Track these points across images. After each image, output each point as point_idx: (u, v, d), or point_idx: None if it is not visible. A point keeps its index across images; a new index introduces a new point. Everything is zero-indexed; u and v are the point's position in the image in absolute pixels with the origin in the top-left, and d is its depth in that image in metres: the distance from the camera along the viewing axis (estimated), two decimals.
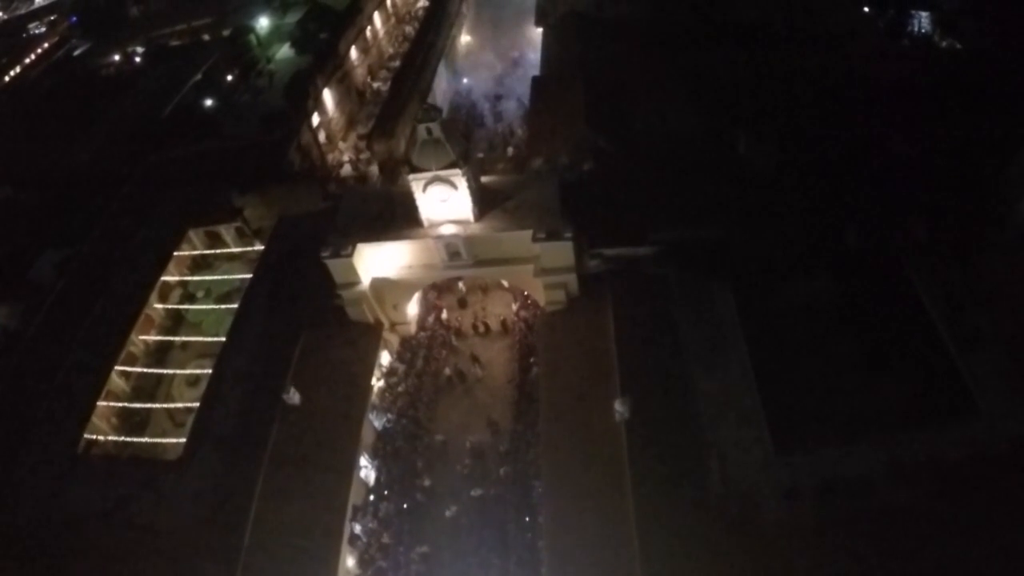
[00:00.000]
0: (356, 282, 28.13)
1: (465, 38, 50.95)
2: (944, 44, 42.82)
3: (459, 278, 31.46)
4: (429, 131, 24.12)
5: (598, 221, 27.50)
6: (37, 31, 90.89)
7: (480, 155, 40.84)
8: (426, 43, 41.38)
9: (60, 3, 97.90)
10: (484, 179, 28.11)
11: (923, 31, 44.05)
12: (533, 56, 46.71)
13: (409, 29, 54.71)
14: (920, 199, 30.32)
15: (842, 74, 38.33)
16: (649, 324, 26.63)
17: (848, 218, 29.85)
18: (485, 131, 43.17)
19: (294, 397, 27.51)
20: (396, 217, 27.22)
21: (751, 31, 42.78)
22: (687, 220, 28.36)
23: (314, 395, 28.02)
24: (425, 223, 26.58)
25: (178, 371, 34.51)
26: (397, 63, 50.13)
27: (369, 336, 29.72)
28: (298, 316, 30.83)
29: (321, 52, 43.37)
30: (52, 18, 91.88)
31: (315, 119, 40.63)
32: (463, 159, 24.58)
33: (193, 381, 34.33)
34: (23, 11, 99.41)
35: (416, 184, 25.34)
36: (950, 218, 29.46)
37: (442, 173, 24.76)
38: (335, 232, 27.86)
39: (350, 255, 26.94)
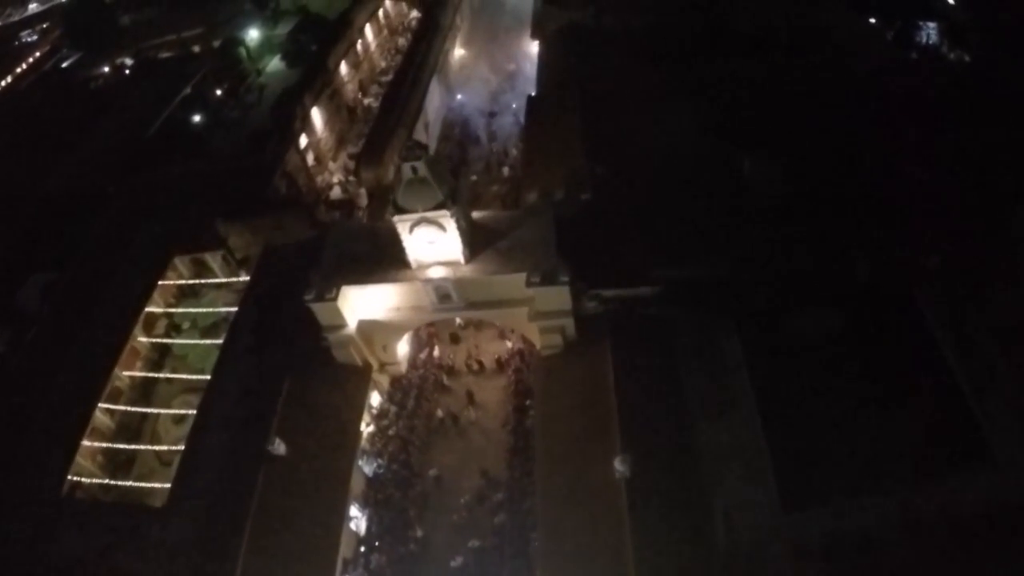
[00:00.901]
0: (342, 325, 26.88)
1: (459, 51, 49.29)
2: (952, 56, 41.31)
3: None
4: (414, 170, 22.73)
5: (596, 259, 26.12)
6: (29, 39, 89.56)
7: (474, 176, 39.55)
8: (417, 59, 39.84)
9: (53, 10, 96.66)
10: (475, 215, 26.73)
11: (931, 42, 42.53)
12: (529, 68, 45.25)
13: (402, 41, 53.01)
14: (932, 227, 29.02)
15: (849, 89, 36.86)
16: (650, 370, 25.26)
17: (858, 249, 28.57)
18: (479, 149, 41.73)
19: (279, 447, 26.33)
20: (383, 257, 25.88)
21: (754, 44, 41.33)
22: (690, 256, 26.95)
23: (301, 444, 26.85)
24: (413, 264, 25.24)
25: (163, 411, 33.42)
26: (389, 77, 48.68)
27: (357, 379, 28.48)
28: (284, 356, 29.54)
29: (309, 69, 41.91)
30: (44, 26, 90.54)
31: (303, 140, 39.21)
32: (451, 200, 23.18)
33: (179, 419, 33.36)
34: (16, 17, 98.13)
35: (402, 225, 23.99)
36: (963, 248, 28.20)
37: (429, 215, 23.40)
38: (319, 272, 26.56)
39: (334, 298, 25.66)
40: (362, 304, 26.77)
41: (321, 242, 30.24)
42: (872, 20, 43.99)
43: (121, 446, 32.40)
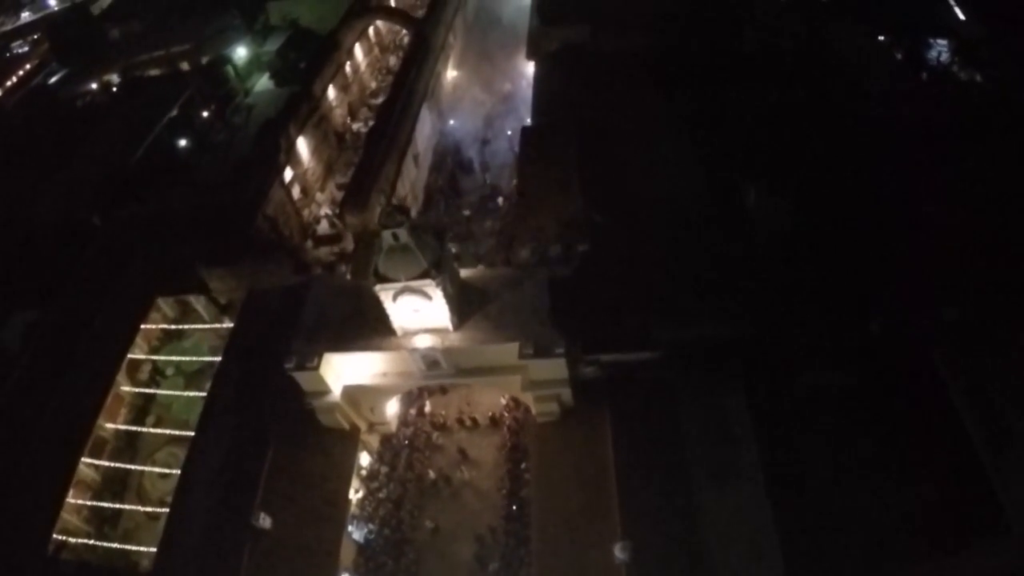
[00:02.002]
0: (326, 391, 25.48)
1: (451, 73, 47.40)
2: (964, 76, 39.28)
3: None
4: (395, 237, 21.20)
5: (594, 320, 24.60)
6: (20, 50, 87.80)
7: (467, 212, 37.96)
8: (407, 86, 37.99)
9: (45, 19, 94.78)
10: (464, 273, 25.17)
11: (942, 61, 40.47)
12: (525, 88, 43.31)
13: (394, 60, 51.19)
14: (949, 273, 27.41)
15: (858, 117, 35.03)
16: (651, 439, 23.79)
17: (871, 301, 26.98)
18: (472, 179, 40.03)
19: (265, 521, 25.08)
20: (366, 320, 24.39)
21: (760, 65, 39.38)
22: (693, 314, 25.39)
23: (286, 516, 25.60)
24: (399, 332, 23.76)
25: (148, 468, 32.28)
26: (380, 99, 46.93)
27: (345, 443, 27.12)
28: (268, 416, 28.28)
29: (294, 97, 40.18)
30: (35, 36, 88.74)
31: (288, 173, 37.59)
32: (436, 268, 21.65)
33: (164, 474, 32.36)
34: (9, 27, 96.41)
35: (384, 294, 22.49)
36: (983, 298, 26.62)
37: (413, 284, 21.90)
38: (299, 336, 25.13)
39: (316, 367, 24.22)
40: (346, 370, 25.34)
41: (305, 290, 29.01)
42: (881, 37, 41.84)
43: (107, 505, 31.50)
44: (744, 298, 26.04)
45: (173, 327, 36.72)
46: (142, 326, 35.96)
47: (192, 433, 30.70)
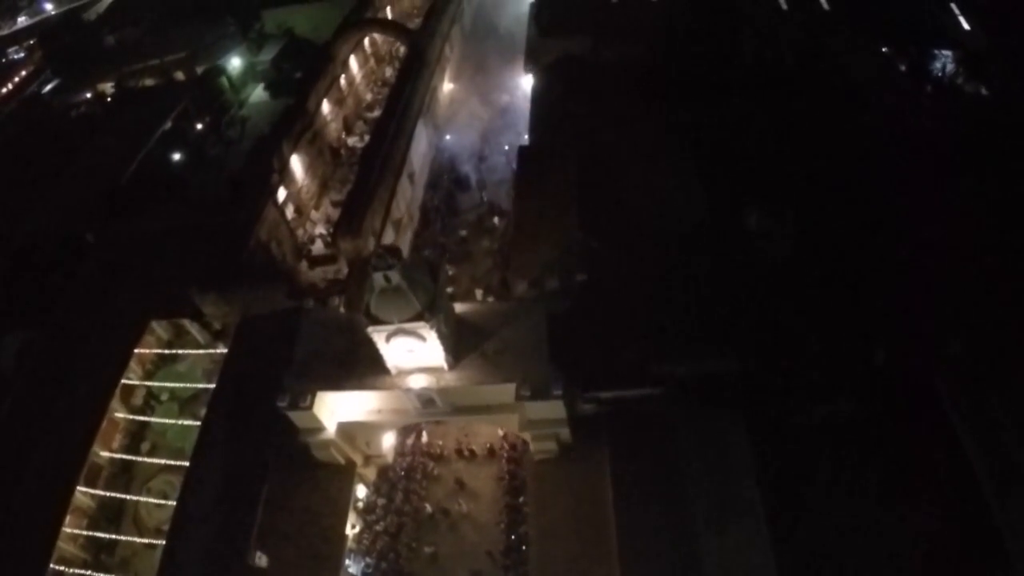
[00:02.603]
0: (321, 428, 25.07)
1: (448, 85, 46.62)
2: (969, 88, 38.49)
3: None
4: (387, 279, 20.71)
5: (592, 355, 24.12)
6: (16, 56, 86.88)
7: (463, 232, 37.38)
8: (402, 104, 37.25)
9: (40, 24, 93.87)
10: (459, 307, 24.68)
11: (947, 72, 39.66)
12: (523, 101, 42.49)
13: (389, 71, 50.44)
14: (954, 302, 26.87)
15: (861, 134, 34.36)
16: (651, 478, 23.35)
17: (874, 331, 26.45)
18: (469, 197, 39.41)
19: (260, 560, 24.77)
20: (360, 357, 23.92)
21: (761, 76, 38.68)
22: (694, 347, 24.91)
23: (283, 554, 25.26)
24: (393, 370, 23.31)
25: (144, 499, 31.98)
26: (376, 112, 46.25)
27: (341, 478, 26.73)
28: (263, 449, 27.89)
29: (287, 113, 39.52)
30: (31, 42, 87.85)
31: (282, 193, 37.01)
32: (430, 310, 21.16)
33: (161, 500, 32.11)
34: (5, 31, 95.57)
35: (377, 335, 22.02)
36: (988, 328, 26.08)
37: (407, 326, 21.42)
38: (292, 373, 24.70)
39: (309, 407, 23.81)
40: (340, 407, 24.94)
41: (298, 318, 28.57)
42: (884, 48, 41.01)
43: (103, 535, 31.22)
44: (745, 330, 25.51)
45: (167, 352, 36.31)
46: (136, 350, 35.70)
47: (187, 463, 30.55)
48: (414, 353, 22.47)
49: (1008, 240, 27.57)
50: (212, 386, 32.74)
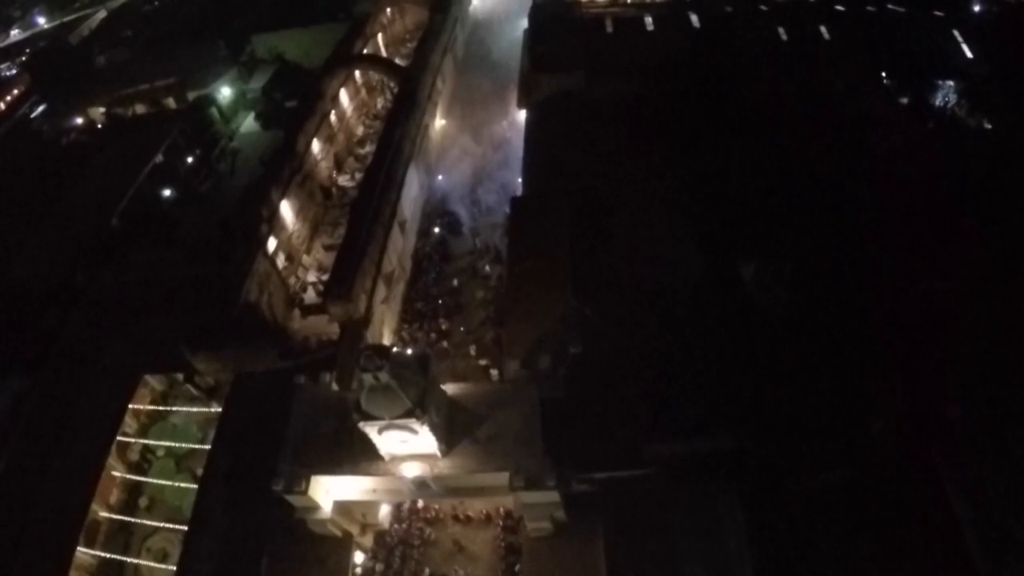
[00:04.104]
0: (316, 507, 25.01)
1: (440, 121, 45.92)
2: (972, 122, 37.90)
3: None
4: (377, 379, 20.51)
5: (586, 437, 23.96)
6: (8, 73, 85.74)
7: (455, 281, 37.01)
8: (392, 150, 36.57)
9: (34, 38, 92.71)
10: (452, 389, 24.47)
11: (949, 104, 39.03)
12: (517, 139, 41.90)
13: (381, 102, 49.72)
14: (954, 363, 26.62)
15: (861, 178, 33.86)
16: (645, 555, 23.31)
17: (872, 396, 26.22)
18: (462, 242, 39.00)
19: None
20: (353, 440, 23.68)
21: (760, 114, 37.90)
22: (689, 424, 24.74)
23: None
24: (386, 457, 23.18)
25: (144, 562, 32.05)
26: (368, 148, 45.67)
27: (339, 551, 26.67)
28: (261, 521, 27.78)
29: (276, 156, 38.91)
30: (23, 58, 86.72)
31: (271, 243, 36.54)
32: (421, 407, 20.97)
33: (161, 558, 32.26)
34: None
35: (369, 428, 21.87)
36: (987, 393, 25.86)
37: (398, 421, 21.25)
38: (285, 456, 24.56)
39: (304, 491, 23.72)
40: (336, 487, 24.87)
41: (291, 383, 28.42)
42: (885, 79, 40.32)
43: None
44: (741, 402, 25.32)
45: (161, 409, 36.19)
46: (130, 406, 35.63)
47: (185, 528, 30.59)
48: (407, 443, 22.31)
49: (1009, 303, 27.24)
50: (207, 447, 32.76)
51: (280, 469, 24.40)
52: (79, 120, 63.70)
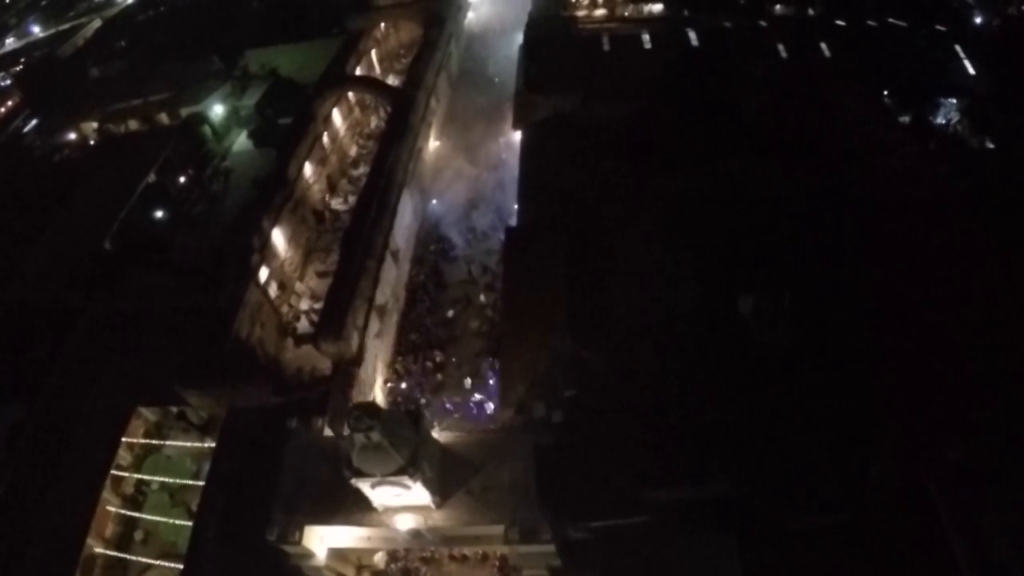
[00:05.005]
0: (311, 555, 24.76)
1: (434, 143, 45.42)
2: (975, 142, 37.38)
3: None
4: (368, 438, 20.21)
5: (582, 485, 23.66)
6: (2, 83, 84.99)
7: (451, 313, 36.62)
8: (383, 177, 36.02)
9: (28, 48, 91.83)
10: (445, 438, 24.17)
11: (951, 123, 38.48)
12: (513, 156, 41.40)
13: (375, 121, 49.16)
14: (954, 402, 26.26)
15: (863, 205, 33.36)
16: None
17: (872, 439, 25.89)
18: (457, 269, 38.55)
19: None
20: (347, 489, 23.31)
21: (758, 137, 37.39)
22: (686, 469, 24.44)
23: None
24: (380, 508, 22.91)
25: None
26: (361, 170, 45.21)
27: None
28: (257, 565, 27.56)
29: (267, 185, 38.43)
30: (17, 69, 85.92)
31: (263, 272, 36.13)
32: (413, 464, 20.66)
33: None
34: None
35: (362, 484, 21.57)
36: (988, 435, 25.51)
37: (391, 478, 20.95)
38: (279, 505, 24.32)
39: (298, 541, 23.46)
40: (330, 535, 24.64)
41: (284, 418, 28.16)
42: (887, 97, 39.74)
43: None
44: (737, 447, 24.99)
45: (155, 443, 35.94)
46: (124, 439, 35.43)
47: (180, 566, 30.43)
48: (401, 496, 22.02)
49: (1011, 340, 26.85)
50: (202, 483, 32.52)
51: (274, 518, 24.15)
52: (72, 136, 63.29)
